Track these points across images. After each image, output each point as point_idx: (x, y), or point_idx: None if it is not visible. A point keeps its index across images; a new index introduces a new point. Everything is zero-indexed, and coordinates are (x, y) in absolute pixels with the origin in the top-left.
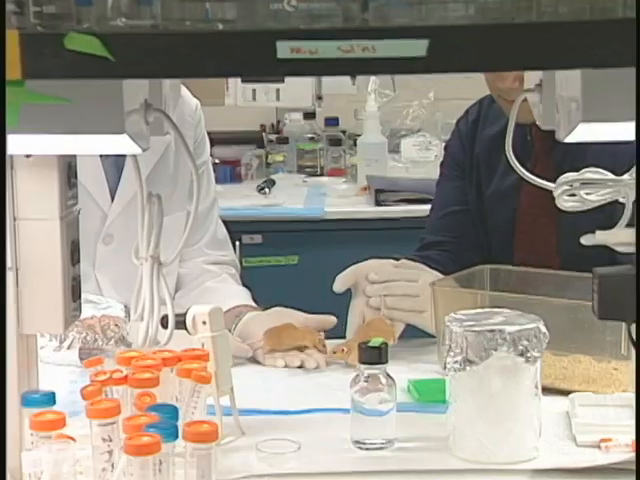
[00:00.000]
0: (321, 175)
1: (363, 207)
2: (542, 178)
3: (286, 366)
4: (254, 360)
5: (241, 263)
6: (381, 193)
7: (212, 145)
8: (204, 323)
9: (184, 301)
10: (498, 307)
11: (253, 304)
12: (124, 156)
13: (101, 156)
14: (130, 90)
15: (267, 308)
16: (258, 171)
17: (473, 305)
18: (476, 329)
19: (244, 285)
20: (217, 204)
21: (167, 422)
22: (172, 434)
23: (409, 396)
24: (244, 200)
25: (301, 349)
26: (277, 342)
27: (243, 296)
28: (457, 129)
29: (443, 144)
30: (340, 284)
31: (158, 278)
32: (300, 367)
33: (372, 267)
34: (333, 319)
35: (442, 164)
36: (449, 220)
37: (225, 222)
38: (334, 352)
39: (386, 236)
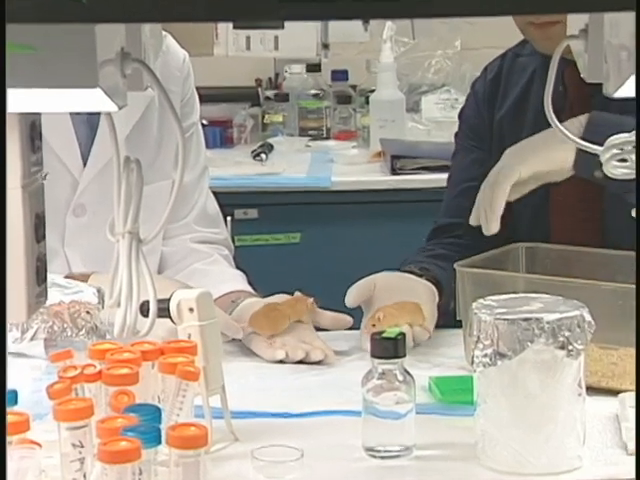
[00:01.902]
0: (327, 138)
1: (376, 176)
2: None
3: (287, 357)
4: (249, 353)
5: (233, 242)
6: (398, 160)
7: (200, 103)
8: (191, 310)
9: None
10: (535, 292)
11: (251, 290)
12: (98, 114)
13: (71, 114)
14: (104, 37)
15: (267, 295)
16: (253, 134)
17: (506, 289)
18: (509, 317)
19: (238, 268)
20: (208, 173)
21: (148, 425)
22: (154, 439)
23: (430, 396)
24: (236, 168)
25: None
26: (272, 326)
27: (238, 280)
28: (472, 92)
29: None
30: (353, 298)
31: (137, 258)
32: (301, 362)
33: (389, 282)
34: (349, 319)
35: (457, 134)
36: (465, 198)
37: (214, 194)
38: (373, 325)
39: (404, 210)
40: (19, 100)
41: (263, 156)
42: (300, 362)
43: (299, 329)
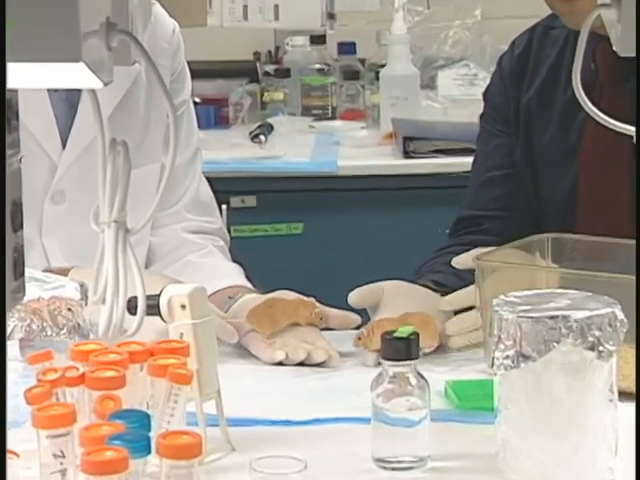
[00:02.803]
0: (333, 118)
1: (387, 160)
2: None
3: (287, 358)
4: (246, 355)
5: (229, 232)
6: (411, 142)
7: (191, 79)
8: (183, 307)
9: None
10: (562, 287)
11: (249, 285)
12: (78, 91)
13: (49, 90)
14: (87, 6)
15: (268, 291)
16: (251, 113)
17: (530, 284)
18: (533, 315)
19: (234, 261)
20: (200, 156)
21: (136, 433)
22: (143, 448)
23: (446, 401)
24: (232, 151)
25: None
26: (272, 324)
27: (235, 275)
28: (499, 70)
29: None
30: (358, 298)
31: (124, 249)
32: (303, 364)
33: (399, 290)
34: (356, 317)
35: (482, 116)
36: (491, 188)
37: (208, 179)
38: (359, 338)
39: (417, 198)
40: None
41: (262, 138)
42: (302, 364)
43: (302, 328)
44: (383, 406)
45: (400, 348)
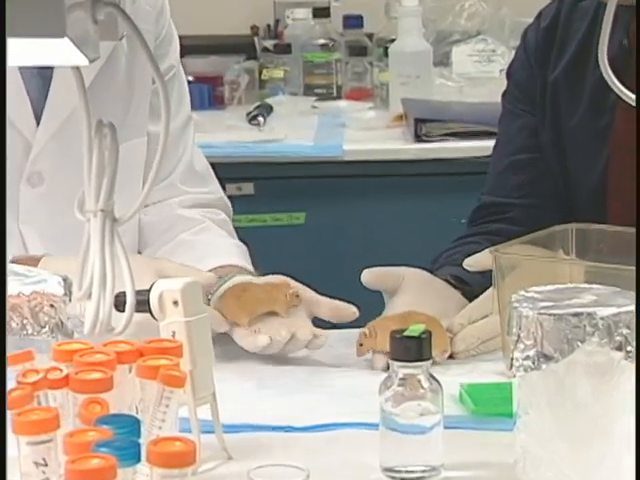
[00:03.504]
0: (338, 98)
1: (397, 144)
2: None
3: (271, 342)
4: (244, 355)
5: None
6: (423, 124)
7: (182, 55)
8: (175, 304)
9: None
10: (587, 281)
11: (247, 264)
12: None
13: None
14: None
15: (265, 274)
16: (248, 93)
17: (552, 279)
18: (555, 312)
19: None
20: (192, 124)
21: (125, 439)
22: (132, 455)
23: (461, 407)
24: (228, 134)
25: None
26: (247, 312)
27: (232, 253)
28: (523, 44)
29: (512, 52)
30: (372, 277)
31: (112, 240)
32: (300, 364)
33: (419, 280)
34: (354, 310)
35: (504, 95)
36: (515, 173)
37: None
38: (360, 344)
39: (430, 185)
40: None
41: (260, 119)
42: (300, 364)
43: (283, 319)
44: (392, 411)
45: (411, 348)
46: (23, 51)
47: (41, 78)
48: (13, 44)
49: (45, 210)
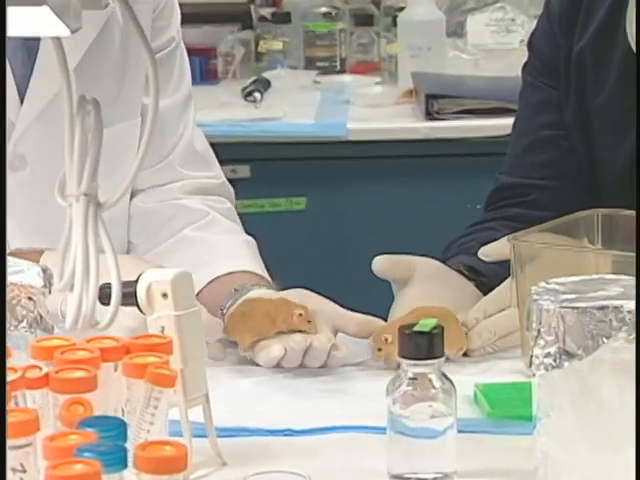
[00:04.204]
0: (342, 72)
1: (407, 122)
2: None
3: (285, 353)
4: (238, 353)
5: None
6: (435, 100)
7: None
8: (164, 296)
9: (150, 256)
10: (614, 272)
11: (262, 272)
12: (38, 38)
13: None
14: None
15: (284, 288)
16: (244, 66)
17: (576, 269)
18: (579, 305)
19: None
20: (193, 103)
21: (110, 443)
22: (117, 461)
23: (476, 408)
24: (222, 111)
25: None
26: (256, 331)
27: (245, 253)
28: (546, 12)
29: (533, 22)
30: (387, 265)
31: (95, 227)
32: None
33: (431, 272)
34: (382, 324)
35: (525, 67)
36: (537, 152)
37: None
38: (379, 349)
39: (442, 167)
40: None
41: (257, 95)
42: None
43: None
44: (401, 413)
45: (421, 344)
46: None
47: (26, 51)
48: None
49: (26, 197)
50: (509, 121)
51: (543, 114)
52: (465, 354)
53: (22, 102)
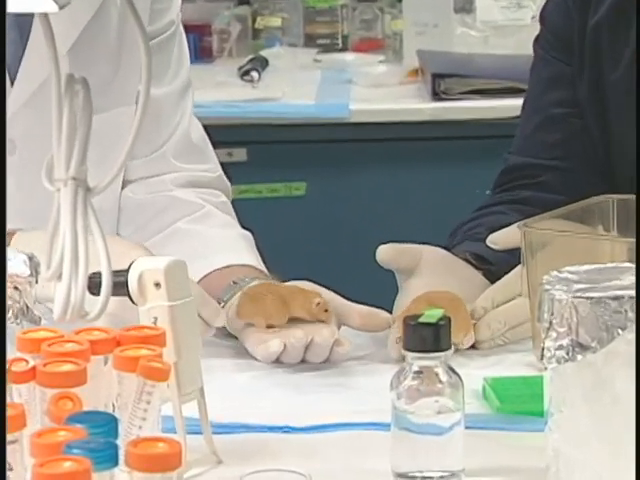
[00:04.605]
0: (344, 50)
1: (412, 103)
2: None
3: (285, 349)
4: (235, 345)
5: None
6: (442, 80)
7: None
8: (157, 286)
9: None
10: (630, 260)
11: (260, 265)
12: (31, 15)
13: None
14: None
15: (284, 281)
16: (240, 44)
17: (590, 257)
18: (593, 295)
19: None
20: (192, 92)
21: (100, 440)
22: (108, 458)
23: (485, 404)
24: (217, 91)
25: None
26: (268, 314)
27: (242, 247)
28: None
29: None
30: (392, 253)
31: (85, 213)
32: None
33: (438, 260)
34: (386, 316)
35: (537, 40)
36: (548, 130)
37: None
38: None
39: (450, 151)
40: None
41: (254, 75)
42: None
43: (306, 323)
44: (406, 409)
45: (427, 335)
46: None
47: (18, 31)
48: None
49: (15, 182)
50: (520, 102)
51: (555, 90)
52: (473, 346)
53: (12, 84)
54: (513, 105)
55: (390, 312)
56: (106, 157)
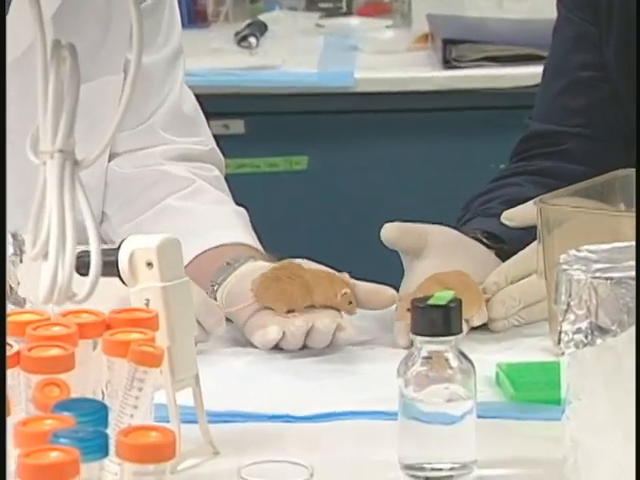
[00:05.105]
0: (348, 14)
1: (421, 71)
2: None
3: (284, 337)
4: (233, 329)
5: None
6: (454, 46)
7: None
8: (149, 265)
9: (124, 231)
10: None
11: (256, 243)
12: None
13: None
14: None
15: (280, 258)
16: (237, 8)
17: (610, 235)
18: (613, 275)
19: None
20: (183, 60)
21: (89, 429)
22: (97, 448)
23: (498, 391)
24: (212, 59)
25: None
26: (291, 299)
27: (236, 224)
28: None
29: None
30: (398, 233)
31: (72, 187)
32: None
33: (447, 240)
34: (391, 293)
35: None
36: (573, 95)
37: None
38: (408, 310)
39: (462, 122)
40: None
41: (252, 41)
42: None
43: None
44: (414, 396)
45: (437, 319)
46: None
47: None
48: None
49: None
50: (537, 69)
51: (580, 52)
52: (486, 327)
53: None
54: (529, 73)
55: (396, 288)
56: (92, 129)
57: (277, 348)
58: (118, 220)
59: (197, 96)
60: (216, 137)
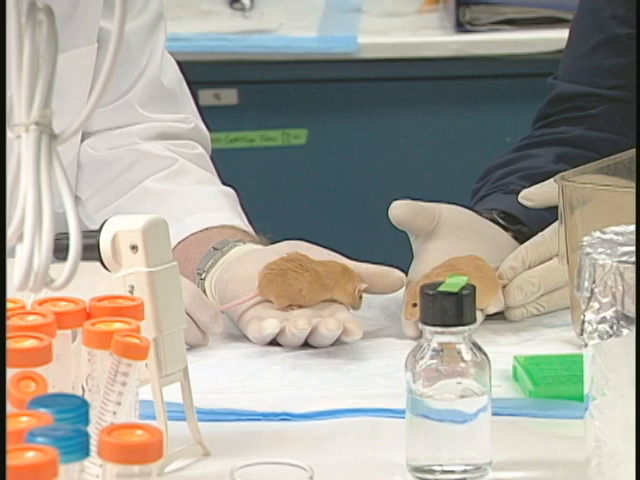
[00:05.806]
0: None
1: (432, 35)
2: None
3: (283, 334)
4: (224, 319)
5: None
6: (467, 8)
7: None
8: (134, 249)
9: (99, 217)
10: None
11: (245, 226)
12: None
13: None
14: None
15: (275, 241)
16: None
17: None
18: None
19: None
20: (164, 26)
21: (68, 427)
22: (78, 447)
23: (516, 387)
24: (203, 22)
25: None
26: (294, 296)
27: (222, 206)
28: None
29: None
30: (406, 211)
31: (50, 163)
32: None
33: (460, 220)
34: (398, 275)
35: None
36: (606, 53)
37: None
38: (414, 305)
39: (476, 91)
40: None
41: (246, 2)
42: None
43: (324, 304)
44: (424, 392)
45: (448, 306)
46: None
47: None
48: None
49: None
50: (560, 34)
51: (617, 5)
52: (502, 316)
53: None
54: (551, 38)
55: (404, 271)
56: (65, 103)
57: (273, 342)
58: (93, 206)
59: (185, 63)
60: (206, 108)
